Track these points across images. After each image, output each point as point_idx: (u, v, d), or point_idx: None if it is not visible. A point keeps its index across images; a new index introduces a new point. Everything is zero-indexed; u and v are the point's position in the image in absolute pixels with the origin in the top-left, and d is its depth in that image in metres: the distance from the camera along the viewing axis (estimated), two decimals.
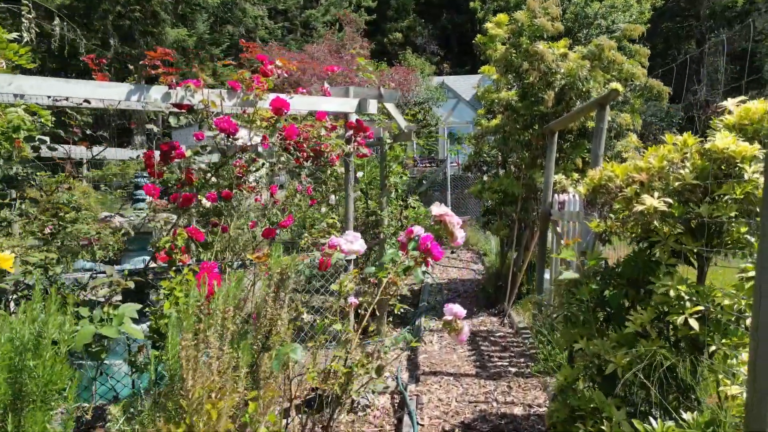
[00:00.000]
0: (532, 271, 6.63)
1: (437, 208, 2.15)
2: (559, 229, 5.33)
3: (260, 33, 34.61)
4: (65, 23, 18.81)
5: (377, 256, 5.95)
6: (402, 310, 3.21)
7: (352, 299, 2.57)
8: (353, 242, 2.39)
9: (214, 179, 3.44)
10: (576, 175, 6.07)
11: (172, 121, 3.21)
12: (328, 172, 3.71)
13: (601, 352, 2.47)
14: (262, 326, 2.39)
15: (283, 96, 3.42)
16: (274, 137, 3.31)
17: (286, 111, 3.14)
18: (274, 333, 2.39)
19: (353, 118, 4.08)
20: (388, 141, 5.75)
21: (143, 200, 5.75)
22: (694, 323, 2.24)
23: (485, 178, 6.93)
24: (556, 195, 5.44)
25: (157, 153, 3.26)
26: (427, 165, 23.27)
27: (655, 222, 2.43)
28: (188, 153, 3.12)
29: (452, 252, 11.09)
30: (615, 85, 6.01)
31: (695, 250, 2.51)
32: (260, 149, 3.64)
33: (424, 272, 2.50)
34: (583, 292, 2.63)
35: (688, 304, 2.30)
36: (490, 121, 6.88)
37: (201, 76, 3.30)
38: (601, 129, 4.14)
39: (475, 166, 6.99)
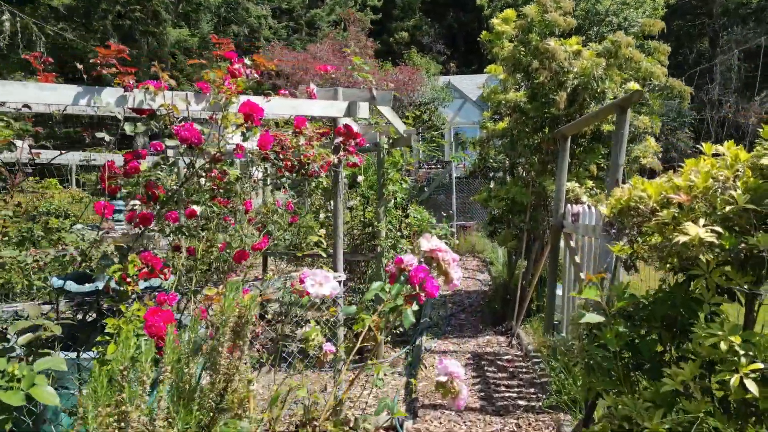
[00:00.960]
0: (543, 286, 6.16)
1: (427, 242, 1.71)
2: (572, 243, 4.86)
3: (264, 33, 34.27)
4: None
5: (374, 271, 5.51)
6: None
7: (327, 347, 2.12)
8: (323, 284, 1.95)
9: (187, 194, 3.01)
10: (590, 183, 5.60)
11: (128, 128, 2.78)
12: (313, 184, 3.27)
13: (632, 415, 2.01)
14: (216, 383, 1.95)
15: (256, 99, 2.98)
16: (251, 146, 2.87)
17: (257, 116, 2.69)
18: (230, 391, 1.96)
19: (343, 122, 3.64)
20: (386, 146, 5.30)
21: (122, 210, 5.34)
22: (752, 386, 1.77)
23: (492, 185, 6.46)
24: (569, 205, 4.98)
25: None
26: (433, 167, 22.81)
27: (701, 255, 1.98)
28: (144, 166, 2.69)
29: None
30: (633, 85, 5.54)
31: (745, 287, 2.05)
32: (236, 159, 3.20)
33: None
34: (608, 338, 2.16)
35: (743, 360, 1.84)
36: (496, 123, 6.41)
37: (162, 76, 2.86)
38: (622, 135, 3.67)
39: (481, 172, 6.53)
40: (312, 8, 40.46)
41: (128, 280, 2.59)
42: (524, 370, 4.79)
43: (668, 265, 2.26)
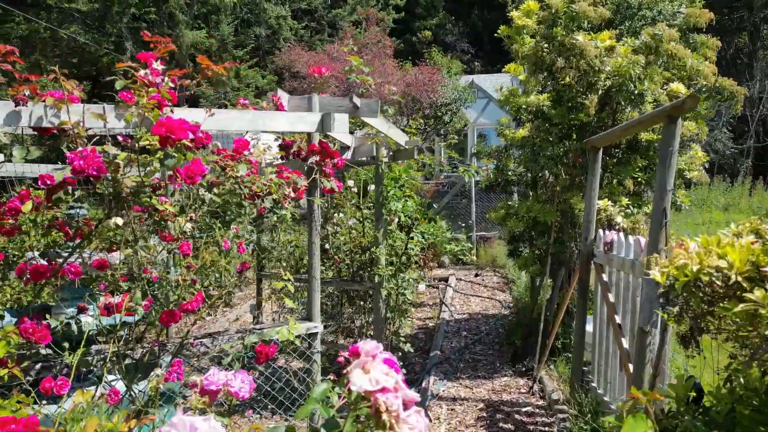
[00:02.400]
0: (569, 316, 5.36)
1: (363, 377, 0.99)
2: (605, 277, 4.06)
3: (285, 33, 33.89)
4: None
5: (373, 305, 4.79)
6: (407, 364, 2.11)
7: None
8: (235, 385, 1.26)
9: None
10: (625, 200, 4.78)
11: (17, 154, 2.12)
12: (275, 218, 2.57)
13: None
14: None
15: (190, 113, 2.29)
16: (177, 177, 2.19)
17: (177, 137, 2.00)
18: None
19: (317, 139, 2.93)
20: (385, 160, 4.59)
21: None
22: None
23: (510, 201, 5.66)
24: (600, 230, 4.18)
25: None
26: (454, 170, 21.97)
27: None
28: (25, 209, 2.03)
29: (476, 275, 9.81)
30: (677, 86, 4.71)
31: None
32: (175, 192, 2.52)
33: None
34: None
35: None
36: (515, 131, 5.62)
37: (66, 85, 2.20)
38: (671, 152, 2.88)
39: (499, 185, 5.74)
40: (334, 8, 40.02)
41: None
42: (547, 427, 4.01)
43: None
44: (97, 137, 2.34)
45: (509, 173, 5.68)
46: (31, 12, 20.17)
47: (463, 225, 12.01)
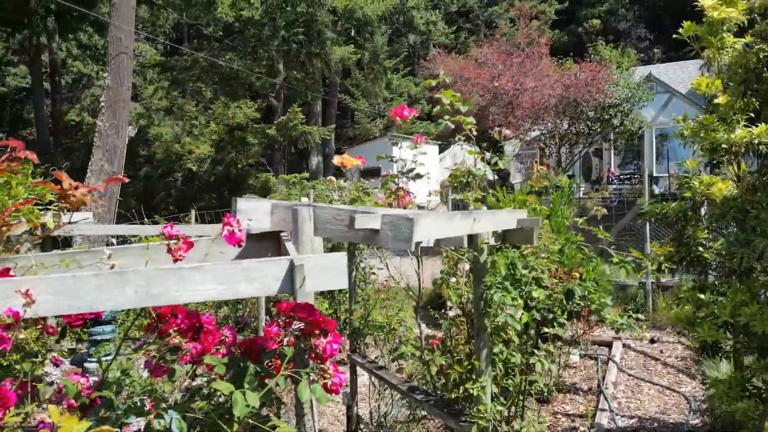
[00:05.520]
0: None
1: None
2: None
3: (439, 38, 32.86)
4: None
5: None
6: None
7: None
8: None
9: None
10: None
11: None
12: None
13: None
14: None
15: None
16: None
17: None
18: None
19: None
20: (488, 243, 3.04)
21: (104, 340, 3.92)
22: None
23: (703, 295, 3.62)
24: None
25: None
26: (625, 180, 18.89)
27: None
28: None
29: (652, 341, 7.52)
30: None
31: None
32: None
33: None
34: None
35: None
36: (710, 180, 3.63)
37: None
38: None
39: (680, 263, 3.75)
40: (490, 5, 38.13)
41: None
42: None
43: None
44: None
45: (698, 248, 3.68)
46: (190, 44, 21.74)
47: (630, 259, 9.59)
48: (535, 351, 3.34)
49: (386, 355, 4.97)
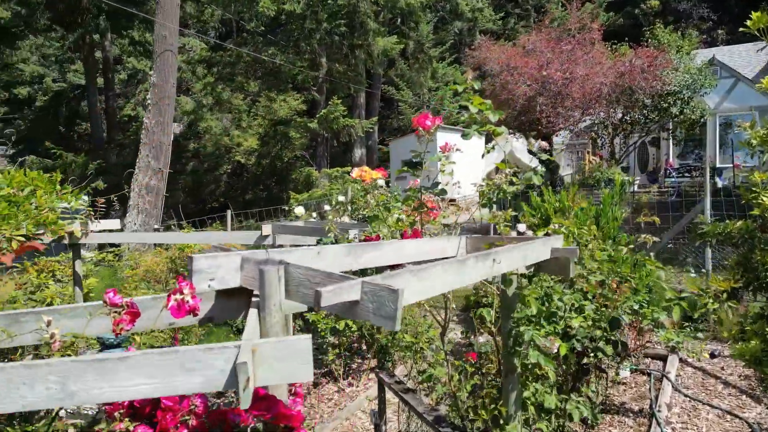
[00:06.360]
0: None
1: None
2: None
3: (487, 25, 31.91)
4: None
5: None
6: None
7: None
8: None
9: None
10: None
11: None
12: None
13: None
14: None
15: None
16: None
17: None
18: None
19: None
20: (519, 272, 2.69)
21: None
22: None
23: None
24: None
25: None
26: (685, 174, 17.76)
27: None
28: None
29: (712, 355, 6.91)
30: None
31: None
32: None
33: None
34: None
35: None
36: None
37: None
38: None
39: (746, 288, 3.28)
40: None
41: None
42: None
43: None
44: None
45: (765, 274, 3.20)
46: (235, 39, 21.85)
47: (690, 267, 8.86)
48: (572, 395, 2.97)
49: (414, 374, 4.69)
